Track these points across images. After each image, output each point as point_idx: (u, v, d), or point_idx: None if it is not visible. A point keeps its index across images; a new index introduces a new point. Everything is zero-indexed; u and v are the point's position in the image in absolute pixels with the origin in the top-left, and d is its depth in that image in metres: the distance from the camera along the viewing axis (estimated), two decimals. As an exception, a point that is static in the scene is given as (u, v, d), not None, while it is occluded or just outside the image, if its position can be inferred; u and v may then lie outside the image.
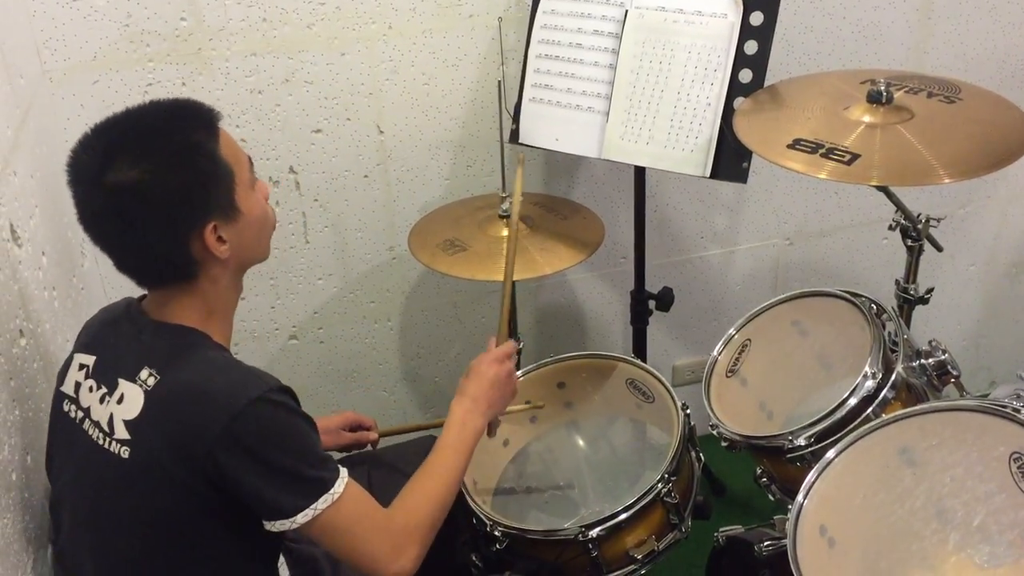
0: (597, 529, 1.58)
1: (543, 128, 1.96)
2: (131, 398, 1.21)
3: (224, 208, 1.25)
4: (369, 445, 1.82)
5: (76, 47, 1.85)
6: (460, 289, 2.32)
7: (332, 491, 1.22)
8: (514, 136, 2.00)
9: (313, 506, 1.21)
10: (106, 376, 1.26)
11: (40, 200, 1.60)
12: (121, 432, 1.21)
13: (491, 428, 1.63)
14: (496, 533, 1.62)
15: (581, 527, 1.58)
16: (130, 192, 1.18)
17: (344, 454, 1.80)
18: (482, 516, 1.64)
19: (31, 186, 1.57)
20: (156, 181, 1.19)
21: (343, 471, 1.25)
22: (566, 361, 1.94)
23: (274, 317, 2.24)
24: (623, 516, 1.59)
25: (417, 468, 1.66)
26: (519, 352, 1.99)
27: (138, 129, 1.23)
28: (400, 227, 2.19)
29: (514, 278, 1.86)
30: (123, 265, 1.26)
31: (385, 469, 1.68)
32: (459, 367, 2.42)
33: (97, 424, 1.24)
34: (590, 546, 1.58)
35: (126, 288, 1.34)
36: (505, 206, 1.94)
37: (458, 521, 1.67)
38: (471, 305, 2.37)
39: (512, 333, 2.09)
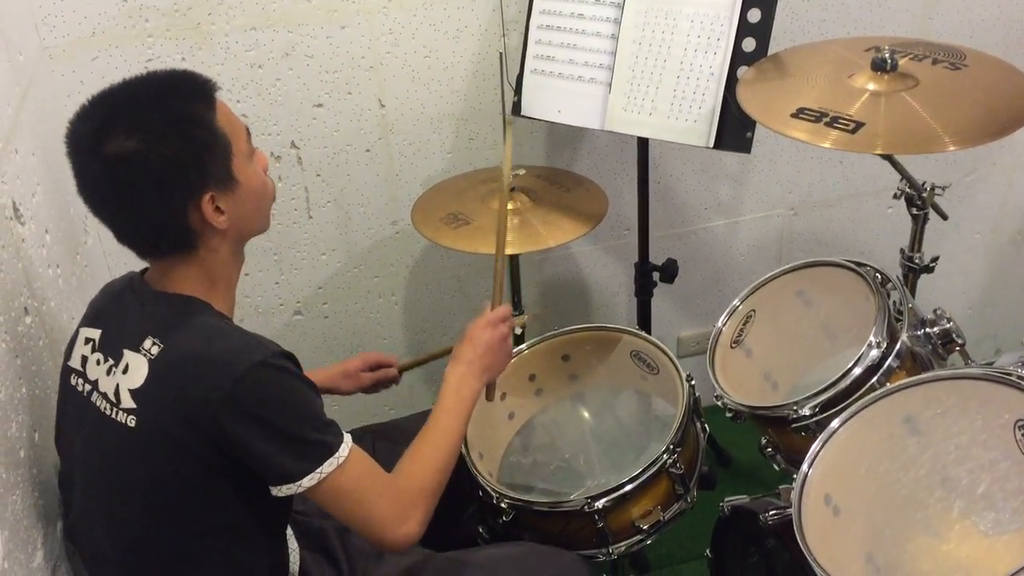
0: (603, 500, 1.58)
1: (545, 100, 1.95)
2: (135, 368, 1.22)
3: (221, 178, 1.25)
4: (392, 384, 1.82)
5: (75, 23, 1.84)
6: (464, 263, 2.32)
7: (337, 455, 1.23)
8: (516, 108, 1.98)
9: (319, 469, 1.21)
10: (111, 348, 1.26)
11: (42, 178, 1.59)
12: (127, 402, 1.22)
13: (489, 391, 1.63)
14: (502, 505, 1.62)
15: (587, 498, 1.58)
16: (126, 162, 1.18)
17: (353, 427, 1.81)
18: (488, 488, 1.65)
19: (32, 164, 1.57)
20: (152, 151, 1.19)
21: (347, 436, 1.26)
22: (570, 334, 1.94)
23: (278, 293, 2.24)
24: (629, 487, 1.59)
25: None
26: (523, 325, 1.99)
27: (135, 100, 1.23)
28: (403, 201, 2.18)
29: (518, 251, 1.86)
30: (122, 236, 1.26)
31: (390, 441, 1.69)
32: (464, 341, 2.43)
33: (104, 396, 1.25)
34: (596, 517, 1.59)
35: (130, 265, 1.34)
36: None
37: (464, 493, 1.68)
38: (475, 279, 2.37)
39: (516, 306, 2.10)
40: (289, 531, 1.42)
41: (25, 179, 1.50)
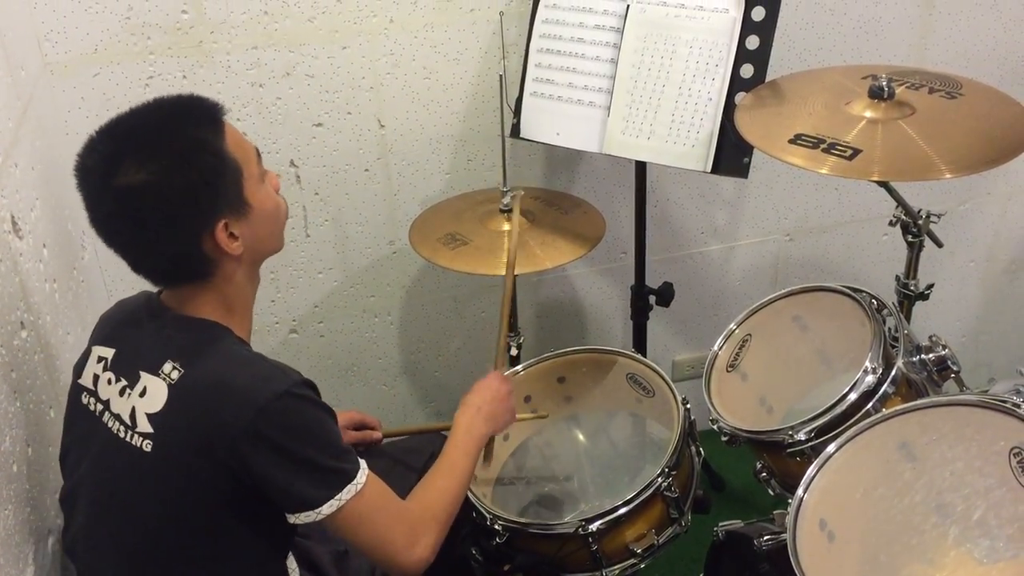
0: (597, 523, 1.58)
1: (544, 122, 1.96)
2: (154, 391, 1.21)
3: (234, 204, 1.25)
4: (373, 446, 1.82)
5: (77, 39, 1.85)
6: (460, 283, 2.32)
7: (355, 482, 1.23)
8: (515, 130, 1.99)
9: (338, 497, 1.22)
10: (126, 369, 1.26)
11: (41, 192, 1.59)
12: (144, 426, 1.21)
13: (488, 452, 1.65)
14: (496, 527, 1.62)
15: (581, 521, 1.58)
16: (138, 195, 1.18)
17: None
18: (482, 509, 1.65)
19: (32, 178, 1.57)
20: (163, 182, 1.18)
21: (362, 462, 1.27)
22: (566, 355, 1.94)
23: (274, 311, 2.24)
24: (623, 510, 1.59)
25: (417, 461, 1.68)
26: (519, 346, 1.99)
27: (143, 129, 1.22)
28: (401, 221, 2.19)
29: (515, 272, 1.86)
30: (138, 266, 1.26)
31: (386, 461, 1.69)
32: (459, 361, 2.43)
33: (118, 417, 1.24)
34: (590, 540, 1.58)
35: (126, 281, 1.34)
36: (506, 200, 1.94)
37: (458, 514, 1.67)
38: (471, 299, 2.37)
39: (512, 327, 2.10)
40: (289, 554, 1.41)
41: (24, 193, 1.50)
